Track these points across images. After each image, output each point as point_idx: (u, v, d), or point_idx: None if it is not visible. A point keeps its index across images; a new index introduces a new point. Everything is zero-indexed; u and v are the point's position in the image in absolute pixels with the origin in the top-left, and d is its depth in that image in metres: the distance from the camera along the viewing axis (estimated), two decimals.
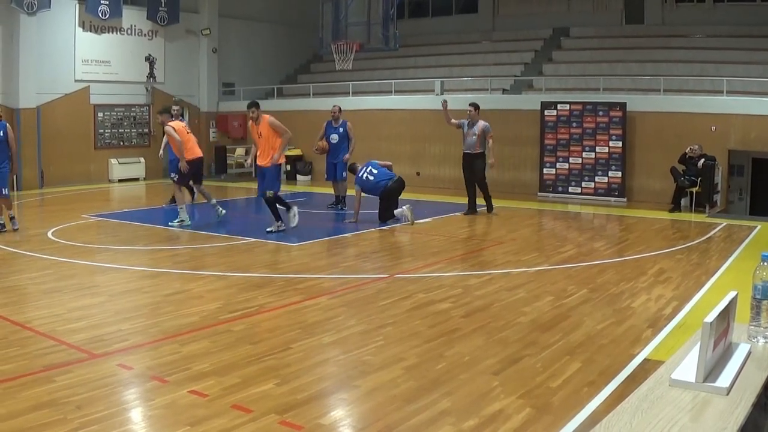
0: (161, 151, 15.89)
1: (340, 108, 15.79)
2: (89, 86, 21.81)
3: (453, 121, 15.10)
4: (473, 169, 14.97)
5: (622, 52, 20.79)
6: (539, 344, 6.38)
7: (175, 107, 16.17)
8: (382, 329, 6.88)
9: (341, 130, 15.50)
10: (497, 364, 5.86)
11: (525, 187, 19.27)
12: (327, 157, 15.71)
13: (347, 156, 15.41)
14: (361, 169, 14.09)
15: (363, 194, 13.85)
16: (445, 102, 15.07)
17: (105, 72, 22.22)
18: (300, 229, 12.76)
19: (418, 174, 15.25)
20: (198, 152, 13.74)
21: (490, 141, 14.77)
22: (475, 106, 15.02)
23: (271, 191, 12.22)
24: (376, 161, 14.29)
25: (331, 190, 15.74)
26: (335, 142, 15.45)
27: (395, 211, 13.71)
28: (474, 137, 14.79)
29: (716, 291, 8.37)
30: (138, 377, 5.54)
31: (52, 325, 6.85)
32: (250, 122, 12.41)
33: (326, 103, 22.81)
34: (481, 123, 14.83)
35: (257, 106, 12.26)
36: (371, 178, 13.87)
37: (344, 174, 15.42)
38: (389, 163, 14.61)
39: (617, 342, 6.46)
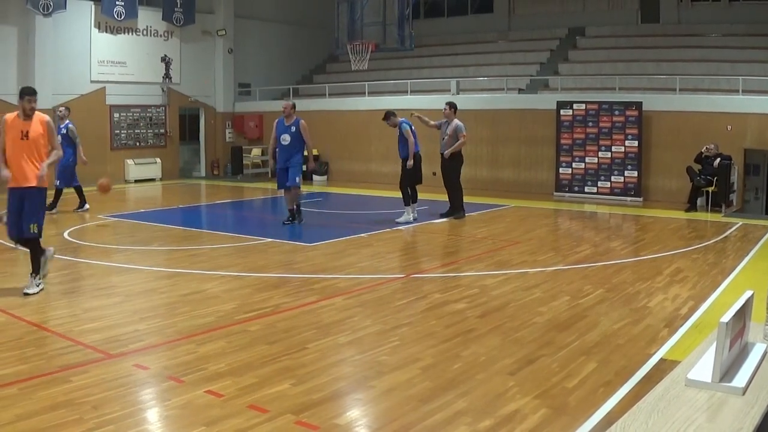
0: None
1: (293, 105, 13.39)
2: (105, 87, 21.94)
3: (432, 123, 14.63)
4: (444, 170, 14.50)
5: (638, 52, 20.74)
6: (555, 344, 6.37)
7: (60, 109, 15.00)
8: (398, 329, 6.87)
9: (293, 129, 13.10)
10: (513, 364, 5.85)
11: (541, 186, 19.25)
12: (277, 161, 13.46)
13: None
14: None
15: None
16: (412, 115, 14.65)
17: (121, 73, 22.35)
18: (316, 229, 12.78)
19: (434, 174, 15.19)
20: None
21: (462, 139, 14.10)
22: (451, 105, 14.43)
23: (36, 224, 8.22)
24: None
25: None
26: (286, 143, 13.12)
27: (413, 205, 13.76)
28: (446, 137, 14.26)
29: (732, 291, 8.32)
30: (154, 377, 5.56)
31: (68, 326, 6.88)
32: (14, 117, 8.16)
33: (343, 104, 22.97)
34: (455, 122, 14.22)
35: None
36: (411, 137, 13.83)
37: (297, 180, 13.23)
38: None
39: (633, 342, 6.44)
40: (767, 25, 19.30)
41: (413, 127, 13.87)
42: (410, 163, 13.65)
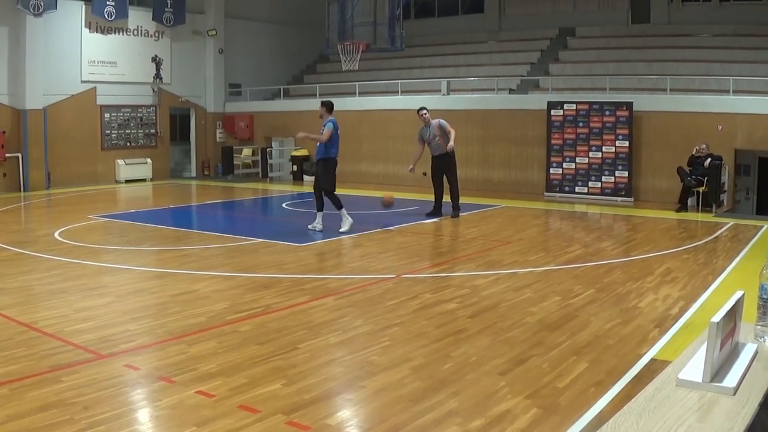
0: None
1: None
2: (96, 87, 21.87)
3: (418, 145, 14.93)
4: (447, 168, 14.65)
5: (629, 52, 20.77)
6: (546, 344, 6.37)
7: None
8: (389, 329, 6.87)
9: None
10: (504, 364, 5.86)
11: (532, 186, 19.26)
12: None
13: None
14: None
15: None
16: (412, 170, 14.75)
17: (111, 73, 22.30)
18: (306, 229, 12.78)
19: (424, 174, 15.17)
20: None
21: (453, 132, 14.38)
22: (425, 110, 14.85)
23: None
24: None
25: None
26: None
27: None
28: (436, 138, 14.48)
29: (723, 291, 8.34)
30: (145, 378, 5.55)
31: (59, 326, 6.86)
32: None
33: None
34: (435, 121, 14.56)
35: None
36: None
37: None
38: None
39: (624, 342, 6.45)
40: (757, 26, 19.36)
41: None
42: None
